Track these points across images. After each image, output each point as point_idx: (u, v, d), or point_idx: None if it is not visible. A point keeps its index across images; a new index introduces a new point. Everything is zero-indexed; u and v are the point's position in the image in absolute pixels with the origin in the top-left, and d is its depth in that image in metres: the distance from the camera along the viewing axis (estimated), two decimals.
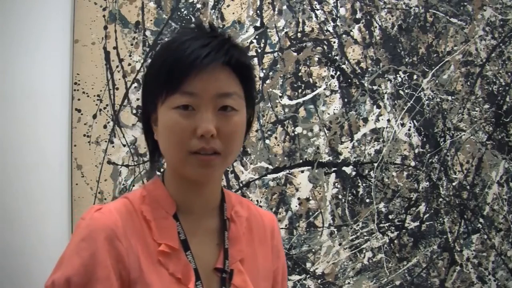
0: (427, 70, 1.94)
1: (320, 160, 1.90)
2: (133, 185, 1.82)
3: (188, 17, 1.87)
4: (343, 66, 1.92)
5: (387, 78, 1.93)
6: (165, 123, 0.95)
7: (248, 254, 1.05)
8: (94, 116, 1.82)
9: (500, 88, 1.96)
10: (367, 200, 1.91)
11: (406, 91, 1.94)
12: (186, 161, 0.95)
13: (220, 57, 0.95)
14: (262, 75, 1.89)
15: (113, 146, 1.82)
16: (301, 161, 1.90)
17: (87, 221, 0.95)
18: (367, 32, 1.93)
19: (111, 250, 0.92)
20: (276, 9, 1.90)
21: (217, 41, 0.96)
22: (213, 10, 1.88)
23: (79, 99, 1.81)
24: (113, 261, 0.91)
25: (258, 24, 1.89)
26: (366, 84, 1.92)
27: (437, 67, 1.95)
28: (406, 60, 1.94)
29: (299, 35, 1.91)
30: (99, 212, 0.95)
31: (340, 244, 1.90)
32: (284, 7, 1.90)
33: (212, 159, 0.95)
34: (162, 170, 1.05)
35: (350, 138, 1.91)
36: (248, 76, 1.01)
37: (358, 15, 1.92)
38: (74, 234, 0.95)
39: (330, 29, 1.92)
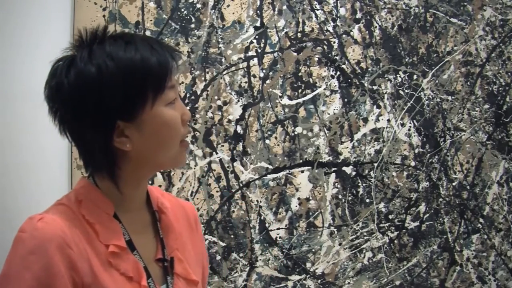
0: (427, 70, 1.94)
1: (320, 160, 1.90)
2: None
3: (188, 17, 1.87)
4: (343, 66, 1.92)
5: (387, 78, 1.93)
6: (165, 120, 0.97)
7: (181, 242, 1.08)
8: None
9: (500, 88, 1.96)
10: (367, 200, 1.91)
11: (406, 91, 1.94)
12: (179, 151, 1.00)
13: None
14: (262, 75, 1.89)
15: None
16: (301, 161, 1.90)
17: (31, 232, 0.91)
18: (367, 32, 1.93)
19: (63, 258, 0.90)
20: (276, 9, 1.90)
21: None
22: (213, 10, 1.88)
23: None
24: (66, 269, 0.90)
25: (258, 24, 1.89)
26: (366, 84, 1.92)
27: (437, 67, 1.95)
28: (406, 60, 1.94)
29: (299, 35, 1.91)
30: (42, 222, 0.92)
31: (340, 244, 1.90)
32: (284, 7, 1.90)
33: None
34: (88, 173, 1.04)
35: (350, 138, 1.91)
36: None
37: (358, 15, 1.92)
38: (17, 249, 0.91)
39: (330, 29, 1.92)
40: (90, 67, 0.93)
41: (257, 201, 1.88)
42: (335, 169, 1.91)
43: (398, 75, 1.93)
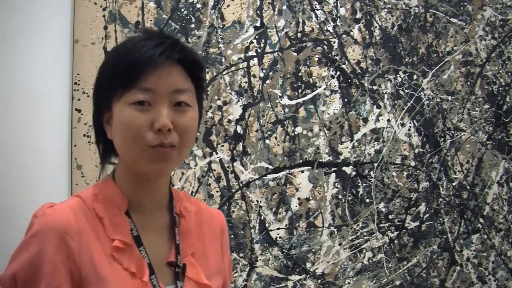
0: (427, 70, 1.94)
1: (320, 160, 1.90)
2: None
3: (188, 17, 1.87)
4: (343, 66, 1.92)
5: (387, 78, 1.93)
6: (122, 118, 0.97)
7: (199, 248, 1.08)
8: None
9: (500, 88, 1.96)
10: (367, 200, 1.91)
11: (406, 91, 1.94)
12: (143, 155, 0.97)
13: (174, 55, 0.98)
14: (262, 75, 1.89)
15: None
16: (301, 161, 1.90)
17: (39, 218, 0.96)
18: (367, 32, 1.93)
19: (60, 246, 0.93)
20: (276, 9, 1.90)
21: (170, 41, 1.00)
22: (213, 10, 1.88)
23: (79, 99, 1.81)
24: (62, 257, 0.92)
25: (258, 24, 1.89)
26: (366, 84, 1.92)
27: (437, 67, 1.95)
28: (406, 60, 1.94)
29: (299, 35, 1.91)
30: (51, 209, 0.97)
31: (340, 244, 1.90)
32: (284, 7, 1.90)
33: (169, 152, 0.97)
34: (113, 169, 1.07)
35: (350, 138, 1.91)
36: (199, 74, 1.04)
37: (358, 15, 1.92)
38: (27, 231, 0.97)
39: (330, 29, 1.92)
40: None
41: (257, 201, 1.88)
42: (335, 169, 1.91)
43: (398, 75, 1.93)
